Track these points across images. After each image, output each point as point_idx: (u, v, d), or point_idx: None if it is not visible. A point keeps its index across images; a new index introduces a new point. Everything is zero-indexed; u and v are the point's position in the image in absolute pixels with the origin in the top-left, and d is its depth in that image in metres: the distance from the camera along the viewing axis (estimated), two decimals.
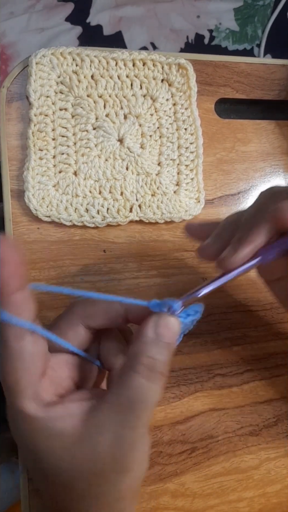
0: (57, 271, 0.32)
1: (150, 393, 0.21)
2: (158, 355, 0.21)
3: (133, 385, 0.21)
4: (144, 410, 0.21)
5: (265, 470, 0.32)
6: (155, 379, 0.21)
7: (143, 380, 0.21)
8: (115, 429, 0.20)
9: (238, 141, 0.37)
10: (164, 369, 0.22)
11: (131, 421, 0.21)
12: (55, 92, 0.33)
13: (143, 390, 0.21)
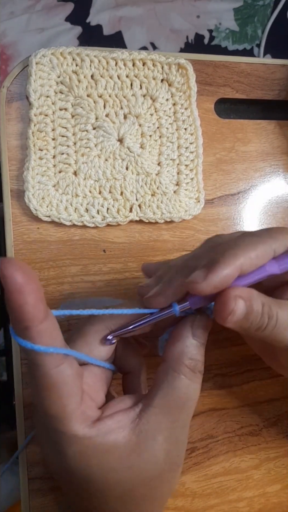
0: (57, 271, 0.32)
1: (195, 392, 0.22)
2: (197, 356, 0.23)
3: (179, 386, 0.22)
4: (191, 408, 0.22)
5: (265, 470, 0.32)
6: (197, 378, 0.22)
7: (188, 380, 0.22)
8: (168, 431, 0.21)
9: (238, 141, 0.37)
10: (202, 368, 0.23)
11: (182, 420, 0.22)
12: (55, 92, 0.33)
13: (189, 390, 0.22)
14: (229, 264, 0.21)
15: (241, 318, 0.22)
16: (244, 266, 0.21)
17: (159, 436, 0.21)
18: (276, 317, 0.22)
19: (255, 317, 0.22)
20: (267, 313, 0.22)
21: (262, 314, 0.22)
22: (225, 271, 0.21)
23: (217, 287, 0.21)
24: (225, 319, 0.22)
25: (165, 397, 0.22)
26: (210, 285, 0.21)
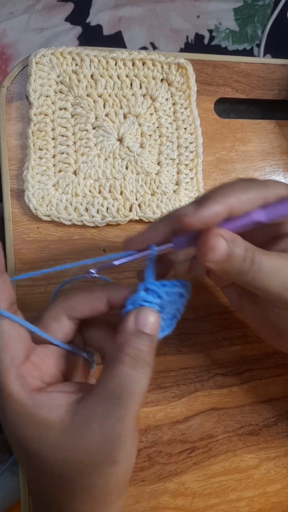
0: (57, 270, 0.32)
1: (135, 381, 0.21)
2: (140, 345, 0.22)
3: (118, 374, 0.21)
4: (131, 400, 0.21)
5: (265, 470, 0.32)
6: (140, 367, 0.21)
7: (128, 369, 0.21)
8: (103, 420, 0.20)
9: (238, 141, 0.37)
10: (148, 359, 0.22)
11: (118, 411, 0.21)
12: (54, 92, 0.33)
13: (128, 379, 0.21)
14: (220, 201, 0.21)
15: (222, 257, 0.21)
16: (234, 206, 0.21)
17: (92, 423, 0.20)
18: (259, 263, 0.22)
19: (237, 260, 0.22)
20: (250, 258, 0.22)
21: (245, 258, 0.22)
22: (215, 207, 0.21)
23: (205, 223, 0.21)
24: (206, 256, 0.21)
25: (103, 386, 0.21)
26: (199, 219, 0.21)
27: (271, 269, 0.22)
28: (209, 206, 0.21)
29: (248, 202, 0.22)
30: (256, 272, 0.22)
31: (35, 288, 0.31)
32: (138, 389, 0.21)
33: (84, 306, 0.24)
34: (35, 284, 0.31)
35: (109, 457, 0.21)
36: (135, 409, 0.21)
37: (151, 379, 0.31)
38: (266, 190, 0.22)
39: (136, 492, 0.30)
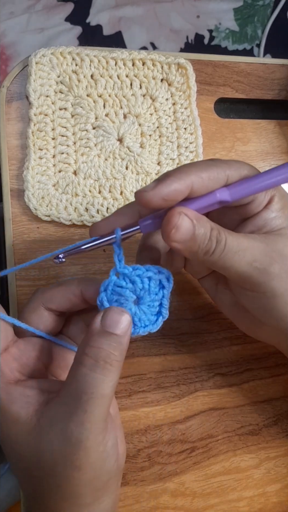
0: (57, 270, 0.32)
1: (95, 383, 0.20)
2: (103, 345, 0.21)
3: (77, 376, 0.20)
4: (90, 403, 0.20)
5: (265, 470, 0.32)
6: (100, 369, 0.20)
7: (87, 370, 0.20)
8: (63, 424, 0.20)
9: (238, 141, 0.37)
10: (111, 360, 0.21)
11: (78, 415, 0.20)
12: (54, 92, 0.33)
13: (87, 381, 0.20)
14: (180, 178, 0.21)
15: (187, 236, 0.21)
16: (195, 184, 0.21)
17: (55, 426, 0.20)
18: (224, 242, 0.22)
19: (203, 239, 0.22)
20: (216, 237, 0.22)
21: (211, 237, 0.22)
22: (175, 184, 0.21)
23: (165, 199, 0.21)
24: (170, 235, 0.21)
25: (65, 388, 0.21)
26: (158, 195, 0.21)
27: (237, 248, 0.22)
28: (169, 182, 0.21)
29: (209, 180, 0.22)
30: (222, 251, 0.22)
31: (35, 288, 0.31)
32: (98, 392, 0.20)
33: (60, 298, 0.24)
34: (35, 284, 0.31)
35: (70, 462, 0.20)
36: (98, 413, 0.20)
37: (151, 380, 0.32)
38: (228, 168, 0.22)
39: (136, 492, 0.30)
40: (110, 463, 0.22)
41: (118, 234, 0.23)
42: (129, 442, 0.31)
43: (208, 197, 0.22)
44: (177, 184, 0.21)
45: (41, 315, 0.25)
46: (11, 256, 0.31)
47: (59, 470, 0.20)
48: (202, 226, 0.22)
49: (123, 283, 0.23)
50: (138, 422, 0.31)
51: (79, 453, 0.20)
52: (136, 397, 0.31)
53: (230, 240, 0.22)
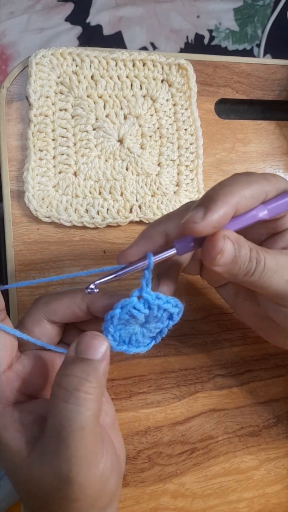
0: (57, 272, 0.32)
1: (70, 416, 0.19)
2: (76, 372, 0.19)
3: (53, 410, 0.19)
4: (72, 438, 0.18)
5: (265, 471, 0.32)
6: (74, 399, 0.19)
7: (61, 402, 0.19)
8: (52, 461, 0.19)
9: (238, 142, 0.37)
10: (85, 387, 0.19)
11: (62, 452, 0.19)
12: (55, 93, 0.33)
13: (63, 414, 0.19)
14: (226, 201, 0.20)
15: (230, 260, 0.21)
16: (240, 204, 0.21)
17: (45, 462, 0.19)
18: (264, 262, 0.21)
19: (244, 261, 0.21)
20: (255, 258, 0.21)
21: (251, 258, 0.21)
22: (223, 209, 0.20)
23: (215, 227, 0.20)
24: (214, 260, 0.21)
25: (48, 423, 0.20)
26: (210, 224, 0.20)
27: (276, 267, 0.22)
28: (217, 209, 0.20)
29: (252, 198, 0.21)
30: (261, 272, 0.22)
31: (36, 290, 0.31)
32: (76, 424, 0.19)
33: (64, 312, 0.24)
34: (35, 286, 0.31)
35: (65, 495, 0.19)
36: (82, 446, 0.19)
37: (151, 381, 0.32)
38: (267, 184, 0.22)
39: (136, 493, 0.30)
40: (111, 484, 0.21)
41: (151, 260, 0.22)
42: (129, 443, 0.31)
43: (248, 216, 0.22)
44: (225, 209, 0.20)
45: (44, 327, 0.24)
46: (11, 258, 0.31)
47: (56, 501, 0.20)
48: (243, 248, 0.21)
49: (142, 307, 0.22)
50: (138, 423, 0.31)
51: (73, 488, 0.19)
52: (136, 399, 0.31)
53: (269, 260, 0.22)
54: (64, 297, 0.24)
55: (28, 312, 0.25)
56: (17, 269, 0.31)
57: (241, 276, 0.22)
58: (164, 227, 0.23)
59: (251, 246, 0.22)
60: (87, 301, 0.24)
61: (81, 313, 0.24)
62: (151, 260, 0.22)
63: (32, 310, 0.25)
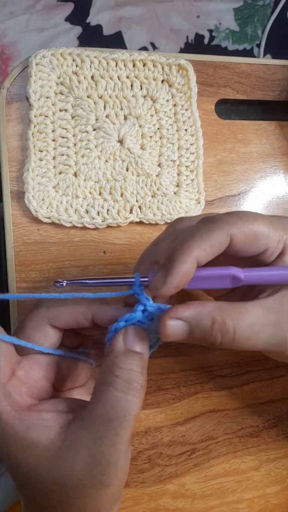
0: (57, 272, 0.32)
1: (128, 406, 0.20)
2: (132, 366, 0.21)
3: (109, 399, 0.20)
4: (123, 426, 0.20)
5: (265, 471, 0.32)
6: (133, 391, 0.20)
7: (120, 393, 0.20)
8: (93, 446, 0.20)
9: (239, 142, 0.37)
10: (141, 380, 0.21)
11: (109, 438, 0.20)
12: (55, 93, 0.33)
13: (120, 404, 0.20)
14: (184, 261, 0.21)
15: (182, 337, 0.21)
16: (199, 257, 0.21)
17: (82, 449, 0.20)
18: (233, 332, 0.21)
19: (203, 334, 0.21)
20: (220, 330, 0.21)
21: (212, 331, 0.21)
22: (181, 270, 0.21)
23: (178, 287, 0.21)
24: (163, 338, 0.22)
25: (93, 411, 0.21)
26: (171, 288, 0.21)
27: (250, 333, 0.21)
28: (175, 271, 0.21)
29: (212, 248, 0.21)
30: (232, 341, 0.21)
31: (36, 290, 0.31)
32: (131, 414, 0.20)
33: (67, 319, 0.24)
34: (35, 286, 0.31)
35: (99, 482, 0.20)
36: (127, 434, 0.20)
37: (151, 382, 0.32)
38: (230, 228, 0.21)
39: (136, 494, 0.30)
40: (127, 474, 0.22)
41: (137, 280, 0.23)
42: None
43: (220, 277, 0.22)
44: (183, 268, 0.21)
45: (46, 332, 0.24)
46: (11, 258, 0.31)
47: (86, 490, 0.20)
48: (203, 321, 0.21)
49: (145, 319, 0.23)
50: (138, 424, 0.31)
51: (109, 473, 0.20)
52: None
53: (241, 328, 0.21)
54: (68, 304, 0.24)
55: (29, 316, 0.25)
56: (17, 270, 0.31)
57: (206, 344, 0.22)
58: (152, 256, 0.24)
59: (215, 316, 0.21)
60: (93, 310, 0.24)
61: (85, 321, 0.24)
62: (138, 279, 0.23)
63: (33, 314, 0.25)
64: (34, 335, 0.24)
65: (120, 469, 0.20)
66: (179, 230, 0.24)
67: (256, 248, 0.22)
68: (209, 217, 0.23)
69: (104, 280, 0.23)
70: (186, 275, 0.21)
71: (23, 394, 0.22)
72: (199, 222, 0.23)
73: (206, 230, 0.21)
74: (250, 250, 0.22)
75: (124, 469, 0.21)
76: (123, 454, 0.20)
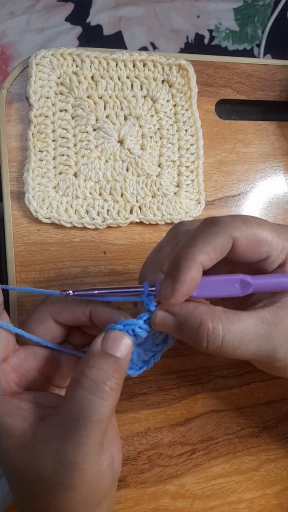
0: (57, 273, 0.32)
1: (92, 407, 0.20)
2: (103, 366, 0.20)
3: (75, 398, 0.20)
4: (89, 428, 0.19)
5: (265, 472, 0.32)
6: (100, 392, 0.20)
7: (86, 393, 0.20)
8: (58, 444, 0.20)
9: (239, 142, 0.37)
10: (111, 383, 0.20)
11: (74, 438, 0.19)
12: (55, 93, 0.33)
13: (86, 404, 0.20)
14: (190, 266, 0.21)
15: (169, 330, 0.22)
16: (204, 262, 0.21)
17: (51, 445, 0.20)
18: (221, 339, 0.21)
19: (189, 334, 0.21)
20: (206, 333, 0.21)
21: (198, 332, 0.21)
22: (188, 276, 0.21)
23: (187, 295, 0.21)
24: (153, 327, 0.22)
25: (63, 408, 0.20)
26: (180, 295, 0.21)
27: (238, 343, 0.21)
28: (182, 279, 0.21)
29: (216, 251, 0.21)
30: (218, 347, 0.21)
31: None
32: (96, 416, 0.20)
33: (68, 315, 0.24)
34: (35, 286, 0.31)
35: (64, 481, 0.20)
36: (94, 437, 0.20)
37: (152, 382, 0.32)
38: (233, 230, 0.21)
39: (136, 494, 0.30)
40: (105, 482, 0.21)
41: (146, 288, 0.22)
42: (129, 444, 0.31)
43: (227, 284, 0.22)
44: (189, 274, 0.21)
45: (49, 326, 0.24)
46: (11, 259, 0.31)
47: (53, 488, 0.20)
48: (190, 320, 0.21)
49: (146, 327, 0.23)
50: (138, 424, 0.31)
51: (73, 474, 0.20)
52: (136, 400, 0.31)
53: (228, 336, 0.21)
54: (72, 300, 0.24)
55: (35, 309, 0.25)
56: (17, 270, 0.31)
57: (195, 346, 0.22)
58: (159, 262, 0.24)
59: (204, 319, 0.21)
60: (91, 309, 0.24)
61: (84, 318, 0.24)
62: (146, 289, 0.22)
63: (39, 307, 0.25)
64: (37, 327, 0.24)
65: (86, 472, 0.20)
66: (181, 234, 0.24)
67: (258, 254, 0.22)
68: (212, 219, 0.22)
69: (111, 290, 0.23)
70: (193, 280, 0.21)
71: (9, 380, 0.22)
72: (202, 224, 0.22)
73: (209, 233, 0.21)
74: (252, 256, 0.22)
75: (92, 473, 0.20)
76: (89, 458, 0.20)
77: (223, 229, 0.21)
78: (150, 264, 0.25)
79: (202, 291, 0.22)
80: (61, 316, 0.24)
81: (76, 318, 0.24)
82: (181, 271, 0.21)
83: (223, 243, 0.21)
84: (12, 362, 0.23)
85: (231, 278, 0.22)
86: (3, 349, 0.22)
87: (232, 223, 0.21)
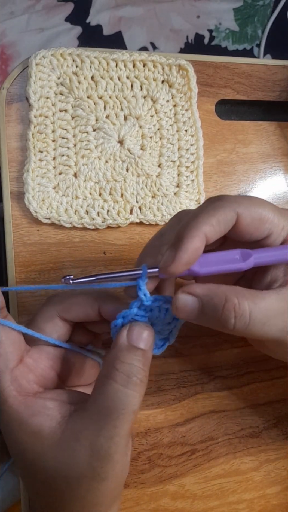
0: (57, 273, 0.32)
1: (127, 400, 0.20)
2: (133, 361, 0.21)
3: (108, 392, 0.20)
4: (122, 419, 0.20)
5: (265, 472, 0.32)
6: (133, 385, 0.21)
7: (120, 386, 0.20)
8: (92, 438, 0.20)
9: (239, 143, 0.37)
10: (141, 375, 0.21)
11: (108, 430, 0.20)
12: (55, 94, 0.33)
13: (119, 397, 0.20)
14: (193, 236, 0.20)
15: (193, 315, 0.21)
16: (208, 234, 0.21)
17: (82, 440, 0.20)
18: (248, 315, 0.21)
19: (214, 314, 0.21)
20: (233, 310, 0.21)
21: (223, 311, 0.21)
22: (191, 245, 0.20)
23: (188, 264, 0.21)
24: (176, 314, 0.22)
25: (94, 403, 0.21)
26: (181, 265, 0.21)
27: (265, 319, 0.21)
28: (184, 247, 0.20)
29: (220, 224, 0.21)
30: (245, 324, 0.21)
31: (36, 290, 0.31)
32: (129, 407, 0.20)
33: (77, 310, 0.24)
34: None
35: (97, 474, 0.20)
36: (126, 428, 0.20)
37: (152, 382, 0.31)
38: (238, 206, 0.21)
39: (136, 494, 0.30)
40: (126, 473, 0.22)
41: (145, 271, 0.22)
42: None
43: (229, 260, 0.22)
44: (193, 244, 0.20)
45: (56, 324, 0.24)
46: (11, 259, 0.31)
47: (85, 481, 0.20)
48: (214, 298, 0.21)
49: (142, 312, 0.23)
50: (138, 424, 0.31)
51: (107, 466, 0.20)
52: None
53: (256, 312, 0.21)
54: (79, 296, 0.25)
55: (41, 308, 0.25)
56: (17, 270, 0.31)
57: (220, 328, 0.21)
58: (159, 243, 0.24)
59: (229, 296, 0.21)
60: (99, 304, 0.24)
61: (93, 313, 0.24)
62: (145, 271, 0.22)
63: (45, 306, 0.25)
64: (44, 326, 0.24)
65: (117, 464, 0.21)
66: (184, 218, 0.24)
67: (260, 232, 0.22)
68: (216, 196, 0.23)
69: (110, 274, 0.23)
70: (196, 250, 0.21)
71: (30, 380, 0.23)
72: (206, 200, 0.22)
73: (213, 207, 0.21)
74: (254, 234, 0.22)
75: (121, 464, 0.21)
76: (120, 449, 0.20)
77: (227, 204, 0.21)
78: (151, 248, 0.24)
79: (205, 265, 0.22)
80: (69, 313, 0.24)
81: (85, 313, 0.24)
82: (184, 240, 0.21)
83: (228, 217, 0.21)
84: (27, 363, 0.23)
85: (231, 251, 0.22)
86: (17, 349, 0.22)
87: (236, 199, 0.22)
